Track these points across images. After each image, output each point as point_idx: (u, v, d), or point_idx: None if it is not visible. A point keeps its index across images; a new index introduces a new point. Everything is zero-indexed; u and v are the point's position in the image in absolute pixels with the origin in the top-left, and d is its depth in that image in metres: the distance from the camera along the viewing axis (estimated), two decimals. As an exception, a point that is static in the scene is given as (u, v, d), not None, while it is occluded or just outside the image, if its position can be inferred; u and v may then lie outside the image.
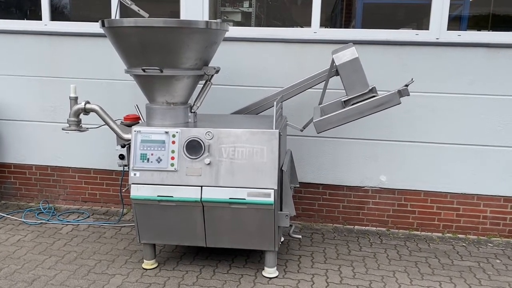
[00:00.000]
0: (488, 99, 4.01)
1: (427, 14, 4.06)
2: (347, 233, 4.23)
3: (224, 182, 3.16)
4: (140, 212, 3.30)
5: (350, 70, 3.39)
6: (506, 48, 3.91)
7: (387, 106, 3.31)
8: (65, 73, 4.54)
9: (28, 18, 4.96)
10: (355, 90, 3.41)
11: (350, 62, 3.38)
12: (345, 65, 3.39)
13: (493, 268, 3.61)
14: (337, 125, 3.33)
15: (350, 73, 3.39)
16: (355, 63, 3.38)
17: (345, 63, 3.39)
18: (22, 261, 3.57)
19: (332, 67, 3.48)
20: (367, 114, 3.33)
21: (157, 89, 3.29)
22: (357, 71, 3.38)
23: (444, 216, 4.24)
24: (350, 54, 3.40)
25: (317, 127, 3.30)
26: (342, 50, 3.46)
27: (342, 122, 3.33)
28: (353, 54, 3.39)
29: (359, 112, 3.32)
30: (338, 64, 3.40)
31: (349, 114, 3.30)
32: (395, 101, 3.30)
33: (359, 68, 3.39)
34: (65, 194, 4.78)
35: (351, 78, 3.40)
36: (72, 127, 3.38)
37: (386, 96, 3.30)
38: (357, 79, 3.39)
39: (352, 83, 3.40)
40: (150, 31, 3.02)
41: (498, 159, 4.08)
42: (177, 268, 3.50)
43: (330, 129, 3.35)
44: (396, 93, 3.29)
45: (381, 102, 3.30)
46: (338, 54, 3.43)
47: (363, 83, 3.40)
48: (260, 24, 5.45)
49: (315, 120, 3.30)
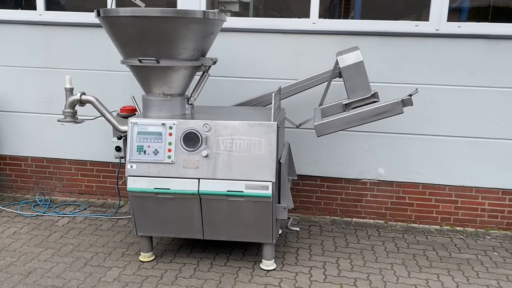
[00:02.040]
0: (488, 91, 3.99)
1: (426, 5, 4.02)
2: (345, 226, 4.22)
3: (221, 174, 3.13)
4: (137, 204, 3.28)
5: (354, 73, 3.37)
6: (506, 39, 3.88)
7: (389, 115, 3.30)
8: (60, 64, 4.48)
9: (23, 8, 4.89)
10: (357, 93, 3.41)
11: (354, 65, 3.36)
12: (349, 68, 3.37)
13: (491, 260, 3.61)
14: (337, 130, 3.32)
15: (353, 76, 3.38)
16: (359, 67, 3.36)
17: (349, 66, 3.36)
18: (18, 253, 3.54)
19: (335, 68, 3.45)
20: (369, 121, 3.31)
21: (154, 80, 3.25)
22: (360, 74, 3.37)
23: (442, 208, 4.23)
24: (355, 57, 3.37)
25: (317, 130, 3.29)
26: (347, 52, 3.44)
27: (343, 127, 3.32)
28: (358, 57, 3.37)
29: (360, 119, 3.30)
30: (342, 67, 3.37)
31: (350, 120, 3.29)
32: (398, 110, 3.29)
33: (362, 72, 3.37)
34: (61, 186, 4.75)
35: (354, 81, 3.38)
36: (67, 119, 3.34)
37: (389, 105, 3.29)
38: (360, 83, 3.38)
39: (355, 86, 3.39)
40: (147, 21, 2.97)
41: (496, 152, 4.06)
42: (174, 260, 3.48)
43: (330, 133, 3.34)
44: (399, 103, 3.28)
45: (384, 110, 3.29)
46: (343, 56, 3.41)
47: (365, 87, 3.39)
48: (258, 14, 5.40)
49: (315, 124, 3.28)
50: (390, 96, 4.06)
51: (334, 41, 4.08)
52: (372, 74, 4.05)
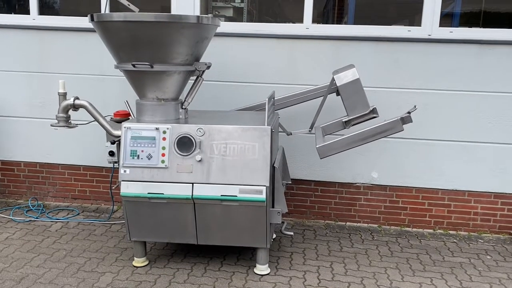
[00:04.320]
0: (479, 96, 4.02)
1: (419, 10, 4.05)
2: (339, 230, 4.23)
3: (215, 179, 3.13)
4: (130, 209, 3.26)
5: (351, 91, 3.45)
6: (497, 45, 3.92)
7: (390, 133, 3.37)
8: (53, 68, 4.47)
9: (16, 12, 4.88)
10: (356, 110, 3.48)
11: (351, 83, 3.44)
12: (347, 86, 3.45)
13: (483, 264, 3.63)
14: (339, 151, 3.37)
15: (351, 94, 3.46)
16: (356, 84, 3.44)
17: (347, 84, 3.45)
18: (10, 259, 3.51)
19: (332, 84, 3.52)
20: (370, 140, 3.38)
21: (148, 84, 3.25)
22: (358, 92, 3.45)
23: (435, 212, 4.25)
24: (351, 75, 3.46)
25: (320, 153, 3.33)
26: (343, 70, 3.51)
27: (345, 148, 3.37)
28: (354, 75, 3.45)
29: (361, 139, 3.36)
30: (339, 85, 3.46)
31: (351, 141, 3.35)
32: (398, 128, 3.35)
33: (360, 89, 3.45)
34: (54, 191, 4.72)
35: (352, 99, 3.46)
36: (61, 123, 3.32)
37: (388, 123, 3.35)
38: (358, 100, 3.46)
39: (353, 103, 3.47)
40: (140, 25, 2.97)
41: (488, 156, 4.10)
42: (168, 265, 3.47)
43: (333, 154, 3.38)
44: (398, 121, 3.34)
45: (384, 129, 3.35)
46: (340, 75, 3.48)
47: (364, 103, 3.47)
48: (252, 19, 5.41)
49: (317, 146, 3.32)
50: (384, 100, 4.10)
51: (327, 46, 4.11)
52: (365, 78, 4.08)
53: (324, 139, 3.42)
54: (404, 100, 4.09)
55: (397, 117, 3.34)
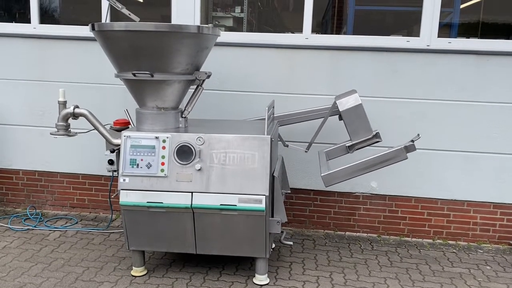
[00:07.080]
0: (477, 106, 4.04)
1: (417, 21, 4.09)
2: (338, 240, 4.21)
3: (215, 188, 3.13)
4: (129, 218, 3.25)
5: (354, 116, 3.50)
6: (495, 55, 3.95)
7: (394, 162, 3.40)
8: (54, 77, 4.48)
9: (17, 21, 4.90)
10: (359, 135, 3.52)
11: (354, 108, 3.49)
12: (349, 111, 3.49)
13: (483, 274, 3.62)
14: (344, 179, 3.40)
15: (354, 119, 3.50)
16: (358, 109, 3.49)
17: (349, 109, 3.49)
18: (8, 268, 3.49)
19: (333, 107, 3.57)
20: (374, 169, 3.41)
21: (148, 93, 3.26)
22: (360, 117, 3.50)
23: (435, 222, 4.25)
24: (354, 100, 3.50)
25: (325, 181, 3.37)
26: (345, 96, 3.55)
27: (349, 176, 3.40)
28: (357, 101, 3.50)
29: (366, 167, 3.39)
30: (342, 110, 3.51)
31: (355, 169, 3.39)
32: (402, 156, 3.38)
33: (362, 114, 3.49)
34: (52, 200, 4.70)
35: (355, 124, 3.51)
36: (60, 132, 3.33)
37: (392, 152, 3.38)
38: (361, 125, 3.51)
39: (356, 129, 3.52)
40: (141, 35, 2.99)
41: (487, 166, 4.10)
42: (166, 275, 3.45)
43: (338, 183, 3.42)
44: (402, 149, 3.37)
45: (388, 158, 3.38)
46: (342, 100, 3.52)
47: (366, 128, 3.51)
48: (252, 29, 5.45)
49: (322, 175, 3.35)
50: (382, 110, 4.11)
51: (326, 56, 4.13)
52: (364, 89, 4.10)
53: (328, 165, 3.47)
54: (403, 110, 4.11)
55: (401, 146, 3.37)
